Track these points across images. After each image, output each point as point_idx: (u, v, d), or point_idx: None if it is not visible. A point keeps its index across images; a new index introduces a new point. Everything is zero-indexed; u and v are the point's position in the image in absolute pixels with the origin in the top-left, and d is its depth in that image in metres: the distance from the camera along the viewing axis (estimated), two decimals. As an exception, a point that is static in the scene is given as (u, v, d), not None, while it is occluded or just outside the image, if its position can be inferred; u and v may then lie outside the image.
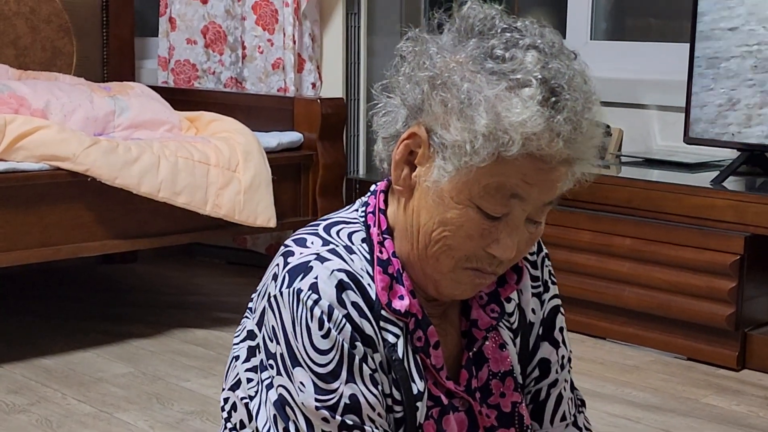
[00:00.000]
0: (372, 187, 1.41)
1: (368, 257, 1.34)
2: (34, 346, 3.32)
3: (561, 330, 1.50)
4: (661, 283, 3.30)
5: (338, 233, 1.35)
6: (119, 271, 4.38)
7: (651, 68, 4.06)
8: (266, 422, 1.37)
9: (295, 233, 1.38)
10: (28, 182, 3.05)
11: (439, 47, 1.29)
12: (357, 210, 1.40)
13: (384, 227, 1.36)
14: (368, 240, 1.35)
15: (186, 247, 4.56)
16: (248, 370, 1.42)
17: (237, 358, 1.44)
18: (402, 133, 1.31)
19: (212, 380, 3.03)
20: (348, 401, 1.29)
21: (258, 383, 1.40)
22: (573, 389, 1.54)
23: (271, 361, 1.33)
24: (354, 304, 1.30)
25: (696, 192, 3.30)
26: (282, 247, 1.36)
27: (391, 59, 1.35)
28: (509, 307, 1.44)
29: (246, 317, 1.45)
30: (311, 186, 3.65)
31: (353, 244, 1.34)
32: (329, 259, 1.31)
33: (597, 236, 3.47)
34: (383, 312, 1.32)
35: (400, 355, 1.33)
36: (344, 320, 1.28)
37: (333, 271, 1.30)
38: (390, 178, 1.36)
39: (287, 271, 1.31)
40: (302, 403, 1.30)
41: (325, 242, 1.33)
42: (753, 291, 3.22)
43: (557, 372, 1.49)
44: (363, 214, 1.38)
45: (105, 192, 3.15)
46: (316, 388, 1.29)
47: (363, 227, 1.37)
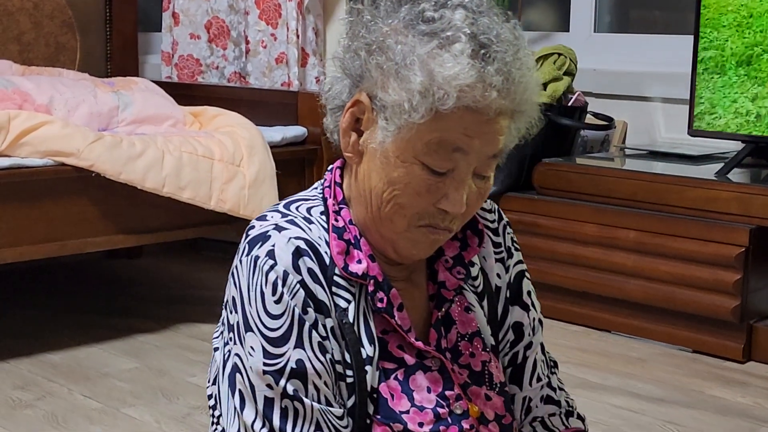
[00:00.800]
0: (329, 167, 1.46)
1: (326, 227, 1.39)
2: (40, 342, 3.33)
3: (529, 294, 1.55)
4: (666, 276, 3.30)
5: (297, 208, 1.41)
6: (124, 266, 4.38)
7: (655, 60, 4.06)
8: (225, 399, 1.39)
9: None
10: (33, 178, 3.05)
11: (373, 15, 1.34)
12: (316, 188, 1.45)
13: (340, 198, 1.41)
14: (326, 212, 1.40)
15: (191, 242, 4.56)
16: None
17: (217, 350, 1.47)
18: (347, 103, 1.36)
19: (218, 375, 3.03)
20: (294, 365, 1.32)
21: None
22: (545, 351, 1.58)
23: (231, 334, 1.37)
24: (309, 271, 1.34)
25: (700, 184, 3.30)
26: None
27: None
28: (473, 271, 1.49)
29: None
30: (315, 180, 3.64)
31: (311, 216, 1.39)
32: (287, 229, 1.36)
33: (601, 229, 3.47)
34: (335, 278, 1.36)
35: (351, 320, 1.36)
36: (298, 285, 1.32)
37: (290, 239, 1.34)
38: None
39: (247, 242, 1.36)
40: (250, 367, 1.33)
41: (284, 215, 1.38)
42: (758, 283, 3.22)
43: (530, 335, 1.54)
44: (321, 191, 1.44)
45: (109, 187, 3.15)
46: (265, 353, 1.32)
47: (321, 201, 1.42)
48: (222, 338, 1.43)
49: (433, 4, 1.31)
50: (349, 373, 1.35)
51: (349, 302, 1.36)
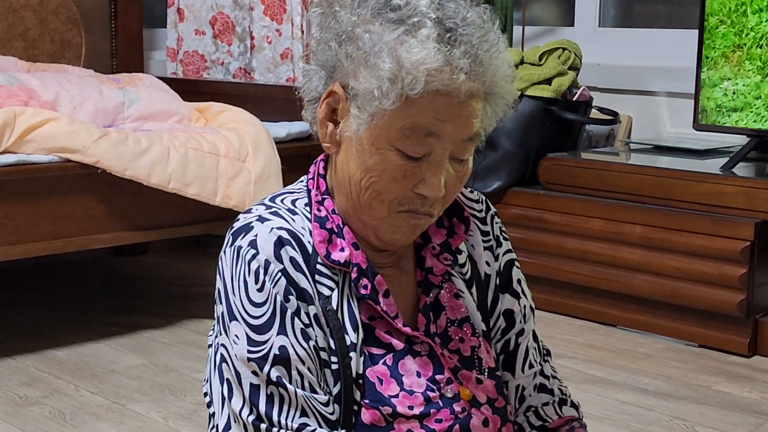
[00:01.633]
0: (315, 160, 1.49)
1: (309, 217, 1.41)
2: (46, 339, 3.33)
3: (519, 282, 1.56)
4: (672, 271, 3.30)
5: (282, 200, 1.43)
6: (130, 263, 4.39)
7: (660, 55, 4.05)
8: (215, 390, 1.40)
9: None
10: (38, 174, 3.05)
11: (342, 6, 1.36)
12: (302, 181, 1.47)
13: (323, 189, 1.43)
14: (310, 203, 1.42)
15: (196, 239, 4.56)
16: None
17: (210, 346, 1.48)
18: (323, 94, 1.39)
19: (224, 371, 3.03)
20: (278, 352, 1.33)
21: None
22: (537, 339, 1.59)
23: (218, 325, 1.40)
24: (291, 260, 1.36)
25: (706, 178, 3.30)
26: None
27: None
28: (461, 258, 1.50)
29: None
30: (321, 176, 3.64)
31: (296, 207, 1.42)
32: (270, 219, 1.38)
33: (607, 224, 3.47)
34: (318, 266, 1.37)
35: (335, 307, 1.37)
36: (280, 274, 1.34)
37: (272, 229, 1.37)
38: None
39: (231, 234, 1.39)
40: (236, 355, 1.35)
41: (268, 207, 1.41)
42: (764, 277, 3.21)
43: (521, 322, 1.55)
44: (305, 183, 1.46)
45: (115, 184, 3.15)
46: (249, 340, 1.34)
47: (305, 193, 1.44)
48: (214, 333, 1.45)
49: None
50: (334, 360, 1.36)
51: (333, 290, 1.38)
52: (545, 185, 3.68)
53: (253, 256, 1.34)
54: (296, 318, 1.34)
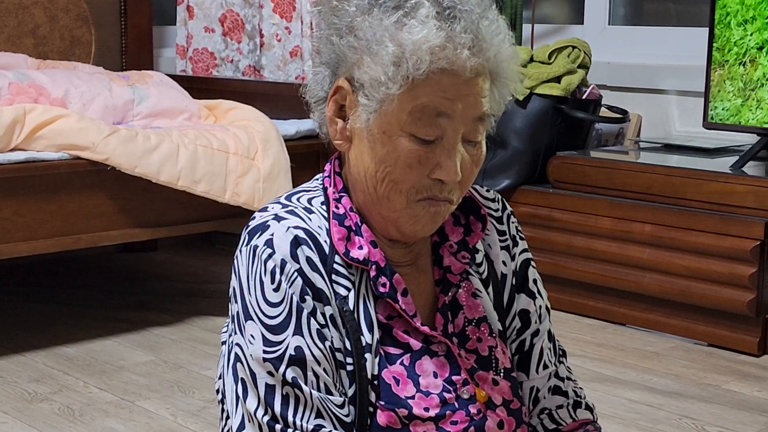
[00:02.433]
0: (329, 159, 1.47)
1: (326, 216, 1.40)
2: (56, 335, 3.34)
3: (535, 282, 1.55)
4: (681, 270, 3.30)
5: (298, 199, 1.42)
6: (139, 260, 4.39)
7: (669, 53, 4.05)
8: (229, 389, 1.40)
9: None
10: (48, 171, 3.06)
11: (340, 0, 1.36)
12: (317, 179, 1.46)
13: (340, 187, 1.42)
14: (326, 202, 1.41)
15: (205, 236, 4.57)
16: None
17: (224, 344, 1.48)
18: (329, 93, 1.38)
19: (233, 368, 3.03)
20: (293, 353, 1.32)
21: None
22: (553, 339, 1.58)
23: (233, 324, 1.38)
24: (308, 259, 1.35)
25: (716, 177, 3.29)
26: None
27: None
28: (478, 257, 1.49)
29: None
30: (330, 174, 3.64)
31: (312, 206, 1.41)
32: (286, 218, 1.37)
33: (616, 222, 3.46)
34: (335, 266, 1.37)
35: (351, 307, 1.37)
36: (296, 274, 1.33)
37: (289, 228, 1.35)
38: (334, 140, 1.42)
39: (247, 232, 1.38)
40: (251, 355, 1.34)
41: (285, 206, 1.39)
42: (774, 276, 3.21)
43: (537, 322, 1.54)
44: (321, 182, 1.45)
45: (124, 181, 3.15)
46: (265, 340, 1.33)
47: (321, 191, 1.43)
48: (228, 331, 1.44)
49: None
50: (349, 361, 1.36)
51: (349, 290, 1.37)
52: (554, 184, 3.68)
53: (269, 256, 1.33)
54: (312, 318, 1.34)
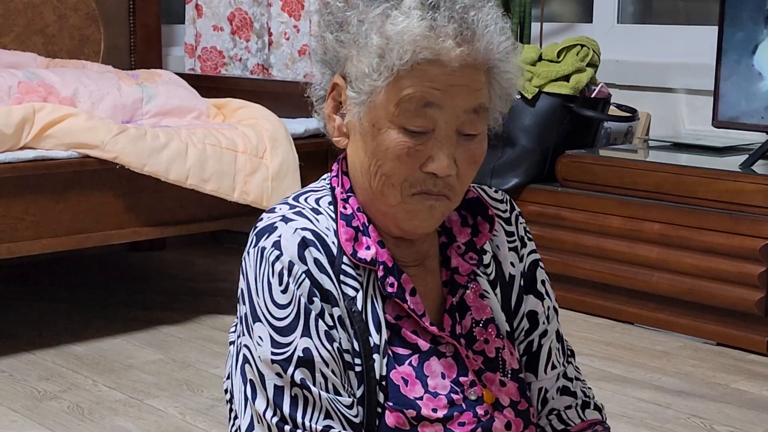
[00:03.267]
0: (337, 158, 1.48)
1: (334, 217, 1.40)
2: (65, 334, 3.35)
3: (543, 283, 1.55)
4: (691, 268, 3.29)
5: (306, 199, 1.42)
6: (148, 259, 4.40)
7: (679, 51, 4.04)
8: (237, 390, 1.40)
9: None
10: (57, 170, 3.06)
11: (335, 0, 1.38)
12: (325, 179, 1.46)
13: (347, 186, 1.42)
14: (334, 202, 1.41)
15: (214, 234, 4.57)
16: None
17: (232, 344, 1.48)
18: (328, 90, 1.40)
19: (241, 367, 3.03)
20: (302, 354, 1.32)
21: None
22: (561, 340, 1.58)
23: (241, 326, 1.38)
24: (316, 261, 1.34)
25: (725, 176, 3.29)
26: None
27: None
28: (485, 259, 1.49)
29: None
30: (338, 172, 3.64)
31: (320, 207, 1.40)
32: (294, 220, 1.37)
33: (626, 221, 3.46)
34: (343, 267, 1.36)
35: (359, 308, 1.37)
36: (304, 275, 1.33)
37: (297, 230, 1.35)
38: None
39: (255, 234, 1.37)
40: (259, 357, 1.34)
41: (292, 207, 1.39)
42: (783, 275, 3.20)
43: (545, 323, 1.54)
44: (329, 181, 1.45)
45: (133, 179, 3.16)
46: (273, 342, 1.33)
47: (329, 191, 1.43)
48: (236, 332, 1.44)
49: None
50: (358, 362, 1.36)
51: (357, 290, 1.37)
52: (563, 182, 3.67)
53: (277, 258, 1.33)
54: (320, 320, 1.34)
